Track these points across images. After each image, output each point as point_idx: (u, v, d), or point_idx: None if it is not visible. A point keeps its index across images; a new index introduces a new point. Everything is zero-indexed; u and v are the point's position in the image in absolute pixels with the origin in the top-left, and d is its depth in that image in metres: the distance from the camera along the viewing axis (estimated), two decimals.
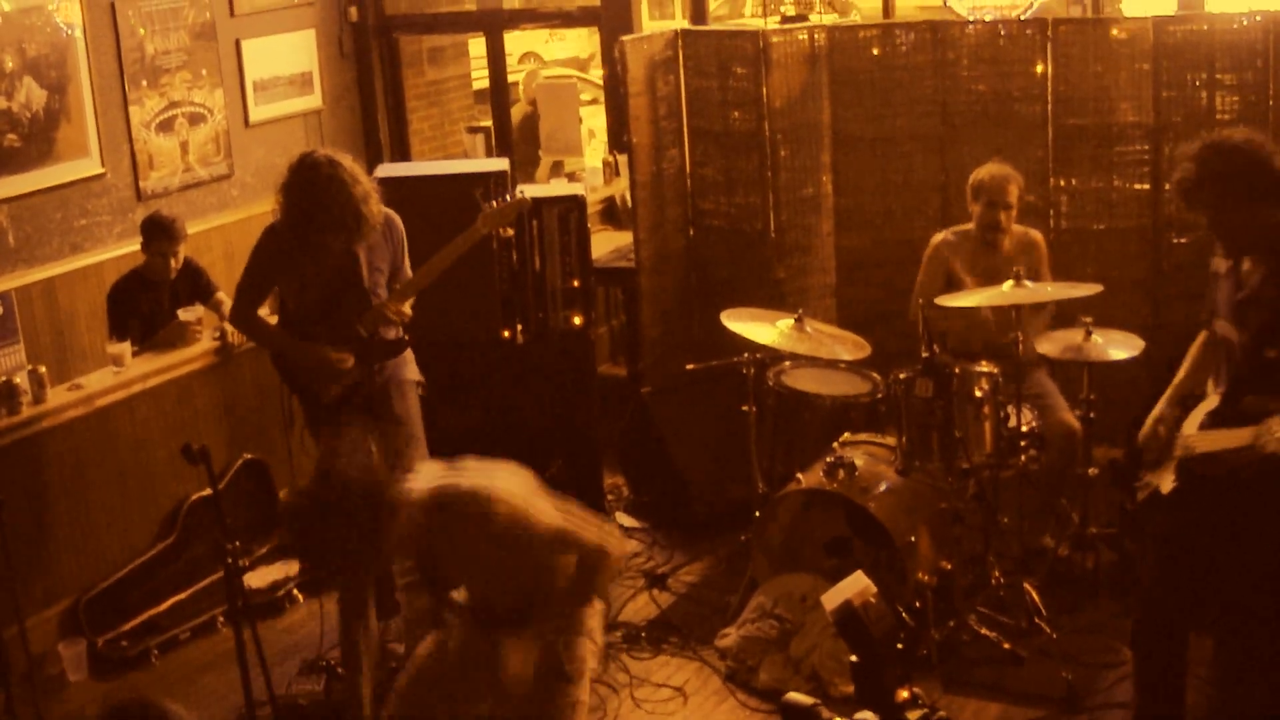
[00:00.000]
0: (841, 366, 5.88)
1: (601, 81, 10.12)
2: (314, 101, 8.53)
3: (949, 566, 5.31)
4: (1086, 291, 5.44)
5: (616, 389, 7.12)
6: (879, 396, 5.71)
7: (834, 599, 4.36)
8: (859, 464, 5.35)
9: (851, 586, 4.33)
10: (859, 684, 4.42)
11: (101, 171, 7.31)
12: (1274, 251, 4.08)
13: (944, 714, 4.64)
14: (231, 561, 4.13)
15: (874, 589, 4.11)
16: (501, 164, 6.45)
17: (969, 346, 5.69)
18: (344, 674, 5.03)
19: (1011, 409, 5.34)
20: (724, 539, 6.16)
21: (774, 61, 6.60)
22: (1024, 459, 5.38)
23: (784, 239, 6.76)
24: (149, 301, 6.39)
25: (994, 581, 5.42)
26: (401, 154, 9.05)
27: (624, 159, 7.57)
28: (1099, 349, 5.45)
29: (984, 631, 5.25)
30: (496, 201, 5.53)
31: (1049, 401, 5.69)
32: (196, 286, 6.53)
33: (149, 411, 5.92)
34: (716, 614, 5.58)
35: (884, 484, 5.36)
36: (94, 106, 7.24)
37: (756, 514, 5.60)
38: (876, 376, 5.80)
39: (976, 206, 5.81)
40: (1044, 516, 5.79)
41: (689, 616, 5.66)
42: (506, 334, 6.18)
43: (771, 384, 5.76)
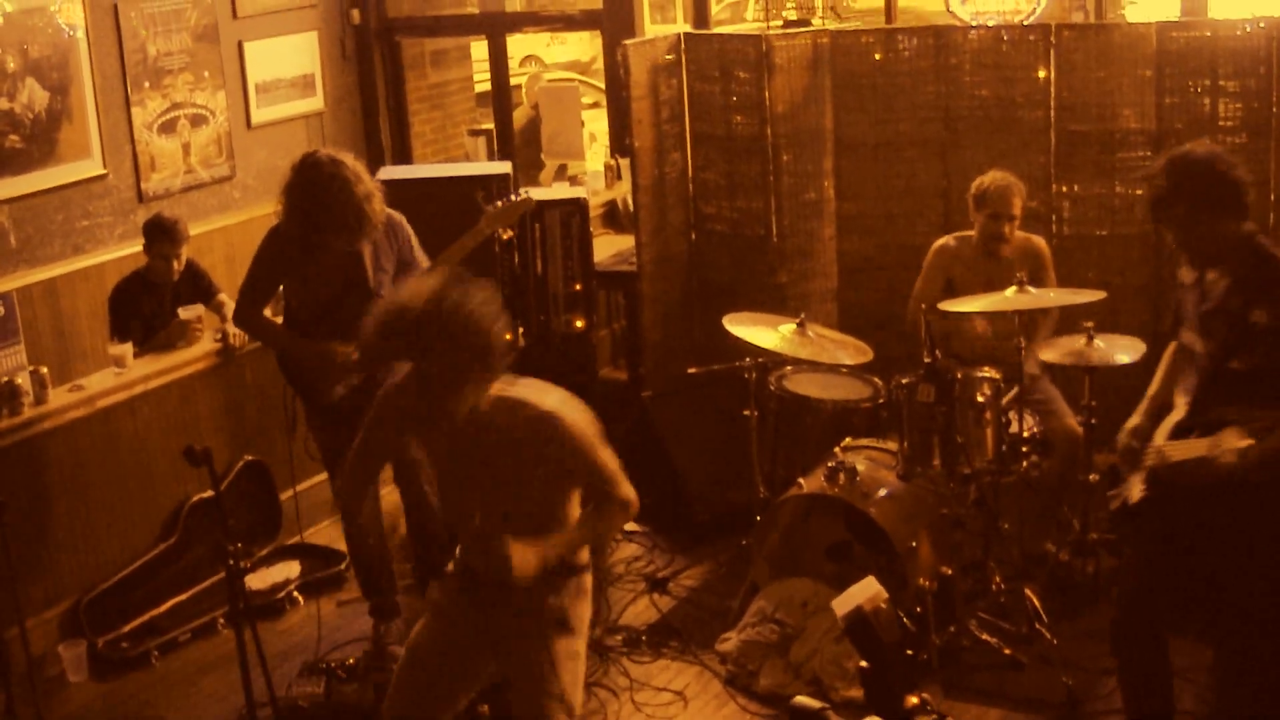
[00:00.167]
0: (843, 371, 5.87)
1: (603, 84, 10.13)
2: (316, 104, 8.53)
3: (949, 572, 5.30)
4: (1090, 298, 5.44)
5: (618, 392, 7.11)
6: (880, 401, 5.71)
7: (845, 604, 4.33)
8: (860, 469, 5.35)
9: (863, 592, 4.30)
10: (868, 690, 4.40)
11: (103, 173, 7.32)
12: (1239, 263, 4.11)
13: None
14: (233, 563, 4.12)
15: (885, 594, 4.09)
16: (504, 167, 6.46)
17: (972, 353, 5.69)
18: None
19: (1013, 414, 5.34)
20: (725, 543, 6.15)
21: (777, 66, 6.60)
22: (1026, 465, 5.38)
23: (786, 244, 6.76)
24: (150, 303, 6.38)
25: (994, 587, 5.42)
26: (403, 157, 9.05)
27: (626, 163, 7.56)
28: (1102, 354, 5.44)
29: (984, 637, 5.24)
30: (501, 201, 5.53)
31: (1051, 407, 5.68)
32: (198, 288, 6.52)
33: (150, 413, 5.92)
34: (717, 618, 5.58)
35: (885, 489, 5.36)
36: (96, 108, 7.24)
37: (757, 518, 5.60)
38: (878, 381, 5.79)
39: (979, 217, 5.79)
40: (1045, 522, 5.79)
41: (689, 621, 5.65)
42: (508, 337, 6.16)
43: (773, 388, 5.75)
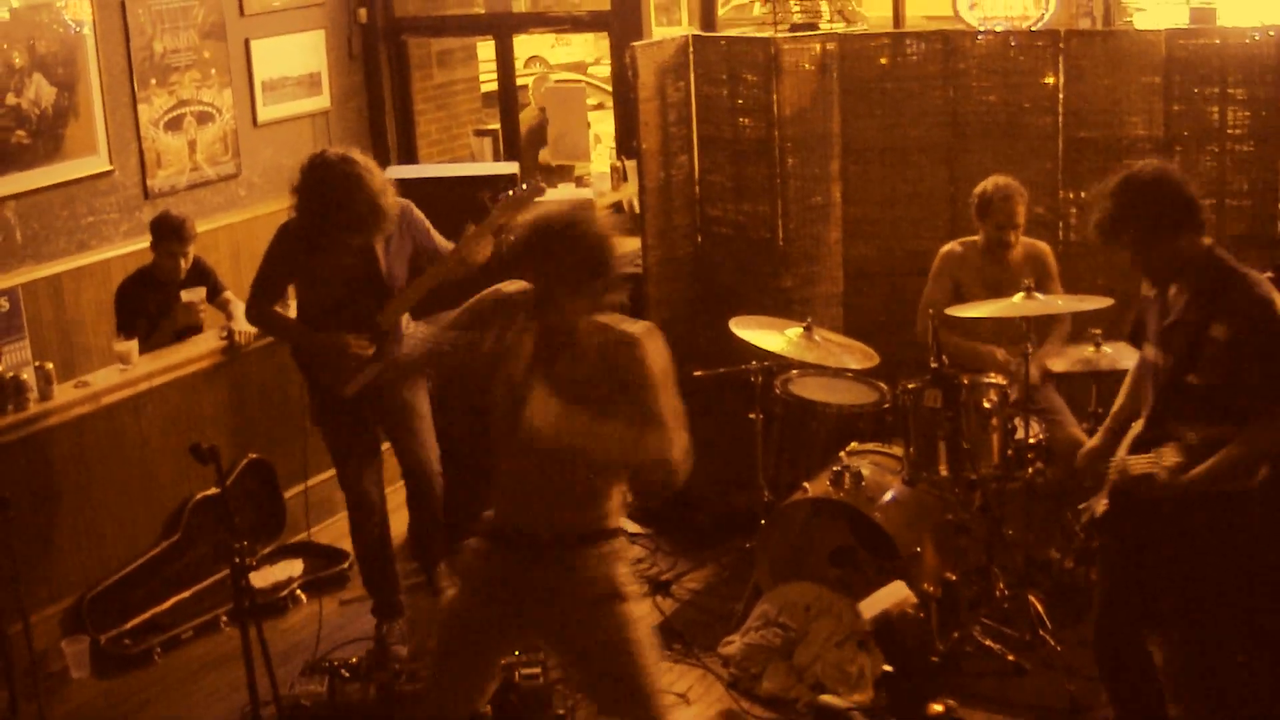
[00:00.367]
0: (849, 376, 5.87)
1: (608, 85, 10.11)
2: (322, 102, 8.53)
3: (954, 578, 5.31)
4: (1097, 304, 5.44)
5: None
6: (886, 406, 5.70)
7: (872, 607, 4.32)
8: (865, 473, 5.34)
9: (890, 596, 4.30)
10: (892, 694, 4.39)
11: (109, 169, 7.32)
12: (1198, 277, 4.13)
13: None
14: (238, 561, 4.11)
15: (913, 599, 4.07)
16: (511, 168, 6.45)
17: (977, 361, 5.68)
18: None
19: (1019, 421, 5.34)
20: (728, 546, 6.15)
21: (784, 69, 6.58)
22: (1031, 471, 5.38)
23: (792, 247, 6.74)
24: (156, 300, 6.38)
25: (998, 593, 5.41)
26: (409, 156, 9.05)
27: (632, 165, 7.55)
28: (1109, 359, 5.44)
29: (988, 643, 5.24)
30: (513, 190, 5.52)
31: (1057, 417, 5.67)
32: (204, 285, 6.51)
33: (155, 410, 5.92)
34: (720, 621, 5.58)
35: (890, 494, 5.35)
36: (102, 104, 7.24)
37: (762, 522, 5.59)
38: (884, 386, 5.79)
39: (984, 225, 5.79)
40: (1049, 529, 5.78)
41: (692, 623, 5.65)
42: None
43: (779, 392, 5.75)
